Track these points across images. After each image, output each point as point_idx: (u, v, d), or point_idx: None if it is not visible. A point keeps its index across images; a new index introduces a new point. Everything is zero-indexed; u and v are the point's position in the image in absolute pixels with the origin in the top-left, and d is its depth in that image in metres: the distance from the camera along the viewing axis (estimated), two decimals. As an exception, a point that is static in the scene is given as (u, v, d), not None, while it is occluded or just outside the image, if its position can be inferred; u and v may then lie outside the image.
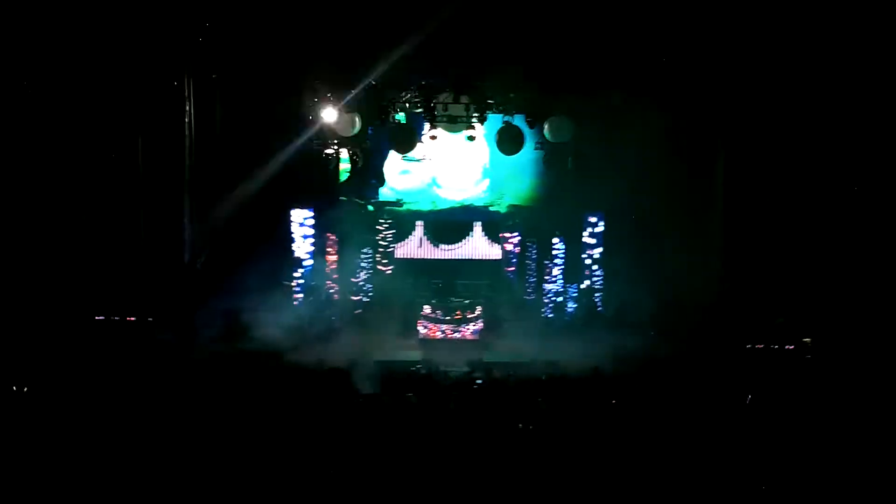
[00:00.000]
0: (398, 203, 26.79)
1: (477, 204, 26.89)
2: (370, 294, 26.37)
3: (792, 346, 22.55)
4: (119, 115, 23.20)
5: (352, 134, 24.42)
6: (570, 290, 25.85)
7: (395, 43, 22.16)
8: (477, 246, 27.30)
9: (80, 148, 23.13)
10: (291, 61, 22.93)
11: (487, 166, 26.65)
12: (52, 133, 22.73)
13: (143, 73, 22.78)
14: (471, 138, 24.12)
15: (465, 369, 21.27)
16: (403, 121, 24.80)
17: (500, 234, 26.93)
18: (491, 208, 26.84)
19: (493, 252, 27.24)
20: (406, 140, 24.73)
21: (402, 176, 26.73)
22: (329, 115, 23.55)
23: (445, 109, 23.87)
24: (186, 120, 23.72)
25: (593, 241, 25.55)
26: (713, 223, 24.71)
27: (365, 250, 26.20)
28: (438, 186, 26.74)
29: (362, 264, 26.19)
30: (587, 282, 25.69)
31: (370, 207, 26.58)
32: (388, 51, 22.32)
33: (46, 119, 22.57)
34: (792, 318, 23.03)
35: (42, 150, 22.71)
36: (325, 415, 15.51)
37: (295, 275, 25.18)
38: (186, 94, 23.46)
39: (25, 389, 16.25)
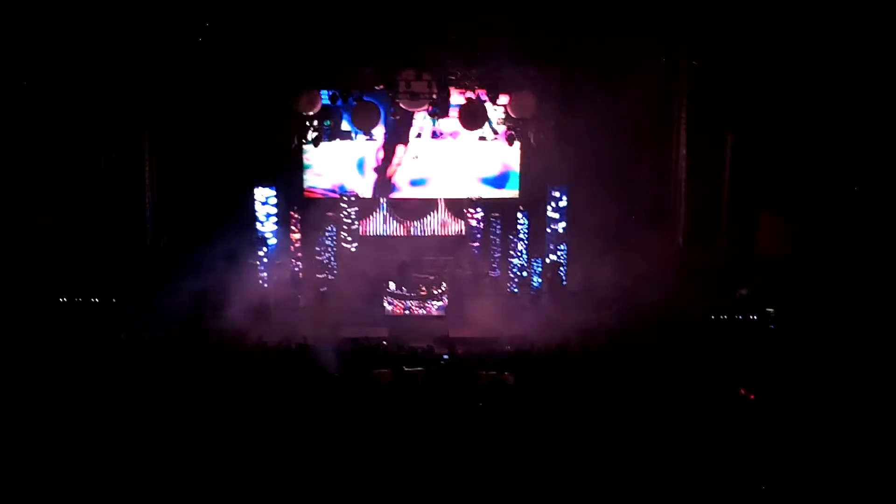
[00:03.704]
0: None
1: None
2: (335, 271, 26.31)
3: (755, 317, 22.74)
4: (78, 98, 23.00)
5: (313, 111, 24.38)
6: (534, 264, 25.89)
7: (356, 19, 22.11)
8: (441, 222, 27.33)
9: (41, 130, 22.94)
10: (251, 40, 22.76)
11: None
12: (11, 117, 22.56)
13: (101, 60, 22.59)
14: None
15: (432, 345, 21.34)
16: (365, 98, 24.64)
17: (464, 210, 26.94)
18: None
19: (458, 228, 27.28)
20: (368, 117, 24.68)
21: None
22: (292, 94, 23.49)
23: (408, 86, 23.77)
24: (146, 100, 23.57)
25: (556, 215, 25.57)
26: (676, 195, 24.89)
27: (329, 228, 26.11)
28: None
29: (326, 242, 26.10)
30: (552, 256, 25.73)
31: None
32: (350, 28, 22.28)
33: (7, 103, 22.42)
34: (754, 289, 23.24)
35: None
36: (293, 392, 15.52)
37: (259, 253, 25.07)
38: (144, 76, 23.28)
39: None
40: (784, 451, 13.34)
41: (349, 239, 26.60)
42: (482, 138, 25.65)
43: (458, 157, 26.53)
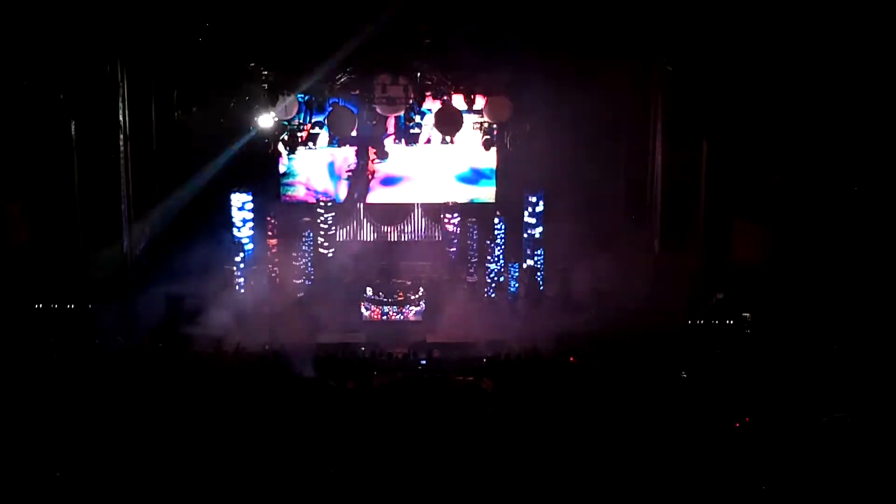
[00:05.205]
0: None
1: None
2: (312, 277, 26.28)
3: (731, 322, 22.85)
4: (51, 101, 22.87)
5: (289, 117, 24.32)
6: (511, 269, 25.91)
7: (332, 25, 22.08)
8: (418, 227, 27.35)
9: (14, 135, 22.81)
10: (226, 46, 22.69)
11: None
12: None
13: (76, 58, 22.46)
14: None
15: (409, 351, 21.36)
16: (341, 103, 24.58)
17: (441, 216, 26.95)
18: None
19: (435, 233, 27.30)
20: (344, 123, 24.64)
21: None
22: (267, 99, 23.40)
23: (384, 91, 23.79)
24: (120, 105, 23.47)
25: (533, 220, 25.61)
26: (652, 201, 25.00)
27: (305, 233, 26.07)
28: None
29: (303, 247, 26.06)
30: (529, 261, 25.77)
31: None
32: (326, 34, 22.25)
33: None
34: (730, 293, 23.35)
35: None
36: (269, 399, 15.50)
37: (236, 259, 25.01)
38: (119, 79, 23.17)
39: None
40: (766, 458, 13.41)
41: (326, 244, 26.55)
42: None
43: (433, 157, 26.61)
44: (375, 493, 12.42)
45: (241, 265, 25.08)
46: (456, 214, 26.74)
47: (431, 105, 24.54)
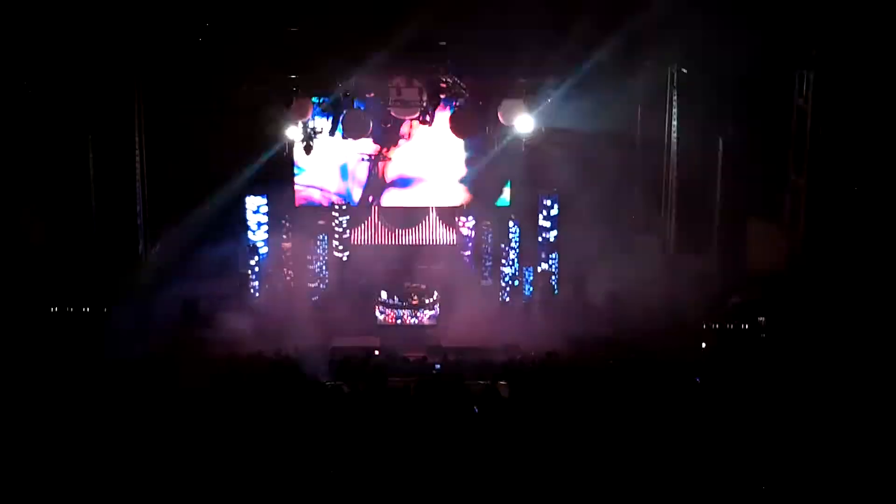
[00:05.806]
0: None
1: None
2: (326, 280, 26.26)
3: (747, 326, 22.73)
4: (68, 108, 22.95)
5: (304, 120, 24.28)
6: (526, 272, 25.85)
7: (347, 28, 22.07)
8: (433, 231, 27.29)
9: (31, 141, 22.88)
10: (242, 48, 22.70)
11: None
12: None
13: (92, 67, 22.53)
14: None
15: (424, 355, 21.31)
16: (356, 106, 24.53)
17: (456, 219, 26.90)
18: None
19: (449, 236, 27.23)
20: (358, 125, 24.58)
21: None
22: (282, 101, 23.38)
23: (399, 94, 23.73)
24: (136, 110, 23.52)
25: (548, 223, 25.55)
26: (667, 202, 24.92)
27: (320, 237, 26.05)
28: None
29: (318, 251, 26.04)
30: (543, 265, 25.70)
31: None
32: (341, 36, 22.24)
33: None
34: (746, 298, 23.25)
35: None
36: (283, 403, 15.46)
37: (250, 262, 25.01)
38: (135, 85, 23.23)
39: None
40: (779, 462, 13.33)
41: (341, 248, 26.53)
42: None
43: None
44: (389, 498, 12.38)
45: (256, 268, 25.08)
46: (471, 217, 26.68)
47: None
